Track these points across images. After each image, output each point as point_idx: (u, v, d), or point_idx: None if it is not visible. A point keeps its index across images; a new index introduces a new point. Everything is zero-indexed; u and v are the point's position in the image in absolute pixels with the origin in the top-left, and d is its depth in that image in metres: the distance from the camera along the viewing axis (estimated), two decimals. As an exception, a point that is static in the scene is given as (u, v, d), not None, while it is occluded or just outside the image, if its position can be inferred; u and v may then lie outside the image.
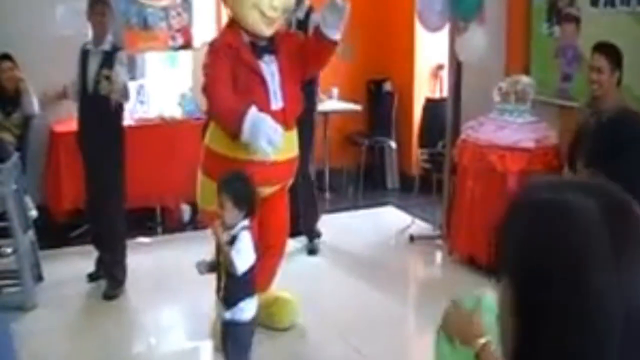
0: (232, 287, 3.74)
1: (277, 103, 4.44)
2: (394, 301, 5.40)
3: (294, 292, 4.94)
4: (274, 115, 4.32)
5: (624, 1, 5.25)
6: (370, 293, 5.46)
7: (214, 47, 4.51)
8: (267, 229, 4.59)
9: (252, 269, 3.72)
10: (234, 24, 4.53)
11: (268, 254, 4.58)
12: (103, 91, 5.15)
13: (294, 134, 4.62)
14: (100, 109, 5.23)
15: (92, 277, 5.58)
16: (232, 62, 4.37)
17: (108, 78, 5.13)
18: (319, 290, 5.47)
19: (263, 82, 4.41)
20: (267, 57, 4.48)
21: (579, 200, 1.04)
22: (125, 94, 5.31)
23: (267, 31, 4.45)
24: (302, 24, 5.85)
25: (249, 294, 3.79)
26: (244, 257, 3.65)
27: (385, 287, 5.55)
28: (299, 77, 4.64)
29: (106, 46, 5.32)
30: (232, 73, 4.36)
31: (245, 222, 3.73)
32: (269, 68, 4.46)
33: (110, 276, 5.41)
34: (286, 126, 4.42)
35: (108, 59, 5.27)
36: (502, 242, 1.10)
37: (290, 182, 4.83)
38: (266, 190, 4.52)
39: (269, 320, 4.71)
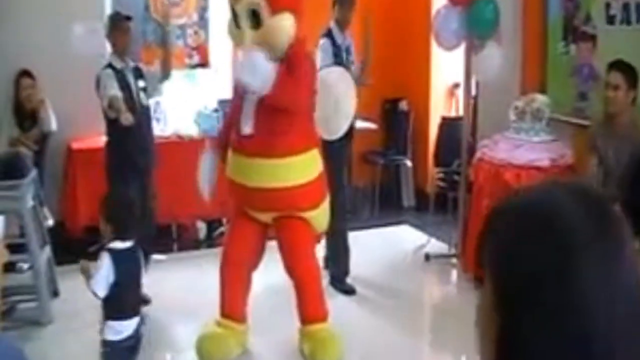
0: (103, 306, 3.77)
1: (245, 128, 4.39)
2: (409, 322, 5.38)
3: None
4: (243, 139, 4.38)
5: (639, 19, 5.25)
6: (385, 314, 5.44)
7: None
8: (284, 262, 4.57)
9: (122, 291, 3.71)
10: None
11: (296, 288, 4.56)
12: (144, 101, 5.51)
13: (268, 164, 4.40)
14: (149, 119, 5.61)
15: None
16: None
17: (145, 90, 5.38)
18: (331, 310, 5.43)
19: (240, 105, 4.43)
20: None
21: (562, 200, 1.04)
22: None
23: None
24: (350, 47, 5.99)
25: (116, 316, 3.77)
26: (98, 281, 3.67)
27: (401, 307, 5.54)
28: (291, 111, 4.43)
29: (131, 62, 5.57)
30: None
31: (116, 244, 3.75)
32: (249, 94, 4.39)
33: None
34: (253, 153, 4.35)
35: (139, 74, 5.57)
36: (487, 244, 1.09)
37: (302, 214, 4.56)
38: (260, 216, 4.53)
39: (312, 355, 4.61)
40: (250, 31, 4.24)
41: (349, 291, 5.76)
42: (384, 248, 6.84)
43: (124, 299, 3.75)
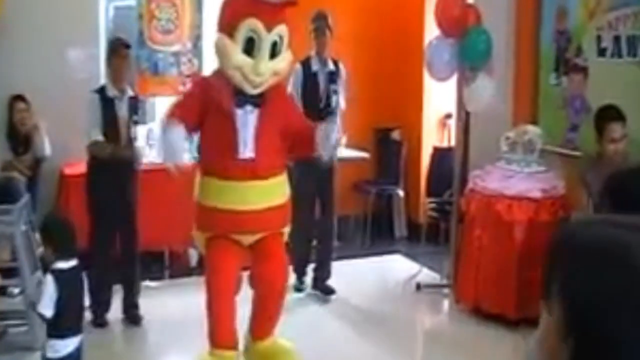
0: (46, 324, 3.86)
1: (245, 152, 4.34)
2: (400, 352, 5.36)
3: (297, 342, 4.79)
4: (241, 163, 4.32)
5: (630, 52, 5.32)
6: (376, 343, 5.42)
7: (196, 79, 4.57)
8: (258, 277, 4.52)
9: (63, 310, 3.77)
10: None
11: (263, 303, 4.54)
12: (133, 135, 5.43)
13: (268, 185, 4.42)
14: (133, 153, 5.49)
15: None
16: (206, 98, 4.36)
17: (137, 123, 5.27)
18: (323, 339, 5.42)
19: (234, 129, 4.32)
20: (249, 107, 4.36)
21: (629, 236, 1.06)
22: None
23: (252, 91, 4.33)
24: (334, 75, 6.14)
25: (56, 334, 3.83)
26: (45, 303, 3.75)
27: (392, 336, 5.52)
28: (281, 134, 4.48)
29: (129, 91, 5.48)
30: (201, 107, 4.36)
31: (59, 264, 3.83)
32: (246, 116, 4.35)
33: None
34: (256, 176, 4.35)
35: (135, 105, 5.52)
36: (556, 279, 1.11)
37: (281, 230, 4.62)
38: (247, 239, 4.49)
39: None
40: (268, 60, 4.28)
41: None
42: (375, 277, 6.84)
43: (64, 318, 3.81)
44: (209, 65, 7.43)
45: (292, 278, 5.86)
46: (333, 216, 6.39)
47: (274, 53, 4.30)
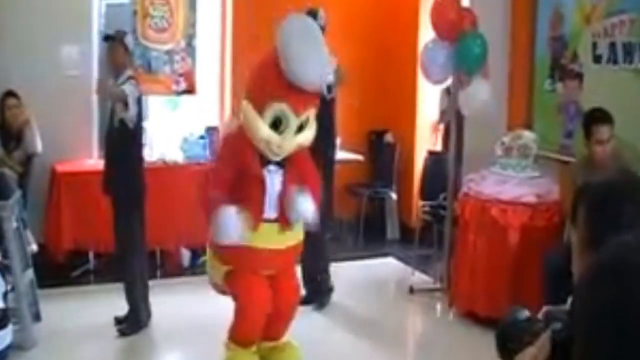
0: None
1: (270, 213, 4.38)
2: (393, 355, 5.35)
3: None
4: (266, 222, 4.35)
5: (626, 58, 5.31)
6: (369, 346, 5.41)
7: (225, 141, 4.62)
8: (279, 299, 4.55)
9: None
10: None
11: (274, 322, 4.57)
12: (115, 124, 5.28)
13: (292, 232, 4.51)
14: (124, 140, 5.32)
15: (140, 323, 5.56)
16: (235, 162, 4.38)
17: (127, 105, 5.21)
18: (316, 341, 5.38)
19: (264, 190, 4.35)
20: (272, 167, 4.39)
21: None
22: (120, 99, 5.27)
23: (276, 158, 4.37)
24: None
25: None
26: None
27: (384, 340, 5.51)
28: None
29: (121, 81, 5.37)
30: (233, 172, 4.35)
31: None
32: (271, 177, 4.38)
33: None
34: (281, 232, 4.42)
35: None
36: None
37: (296, 261, 4.80)
38: (267, 272, 4.53)
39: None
40: (295, 136, 4.29)
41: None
42: (368, 280, 6.82)
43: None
44: (202, 64, 7.45)
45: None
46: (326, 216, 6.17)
47: (301, 127, 4.30)
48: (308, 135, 4.39)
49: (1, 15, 6.64)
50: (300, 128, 4.30)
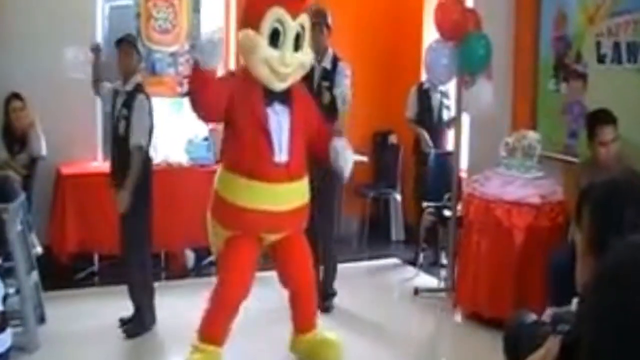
0: None
1: (281, 156, 4.39)
2: (398, 356, 5.33)
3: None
4: (276, 167, 4.36)
5: (630, 58, 5.30)
6: (373, 347, 5.39)
7: (226, 73, 4.64)
8: (288, 276, 4.65)
9: None
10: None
11: (298, 299, 4.68)
12: (120, 130, 5.23)
13: (299, 185, 4.54)
14: (124, 148, 5.25)
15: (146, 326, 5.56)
16: (235, 94, 4.38)
17: (126, 119, 5.18)
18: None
19: (267, 133, 4.37)
20: (278, 107, 4.43)
21: None
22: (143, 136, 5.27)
23: (280, 86, 4.43)
24: (329, 74, 5.83)
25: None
26: None
27: (389, 342, 5.49)
28: (305, 133, 4.60)
29: (129, 86, 5.34)
30: (229, 100, 4.36)
31: None
32: (277, 118, 4.42)
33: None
34: (290, 178, 4.43)
35: (129, 100, 5.30)
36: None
37: (303, 227, 4.77)
38: (273, 237, 4.53)
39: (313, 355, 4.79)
40: (293, 52, 4.39)
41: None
42: (372, 281, 6.82)
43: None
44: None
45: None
46: (333, 219, 6.12)
47: (297, 46, 4.40)
48: (307, 56, 4.52)
49: (5, 18, 6.65)
50: (297, 46, 4.39)
